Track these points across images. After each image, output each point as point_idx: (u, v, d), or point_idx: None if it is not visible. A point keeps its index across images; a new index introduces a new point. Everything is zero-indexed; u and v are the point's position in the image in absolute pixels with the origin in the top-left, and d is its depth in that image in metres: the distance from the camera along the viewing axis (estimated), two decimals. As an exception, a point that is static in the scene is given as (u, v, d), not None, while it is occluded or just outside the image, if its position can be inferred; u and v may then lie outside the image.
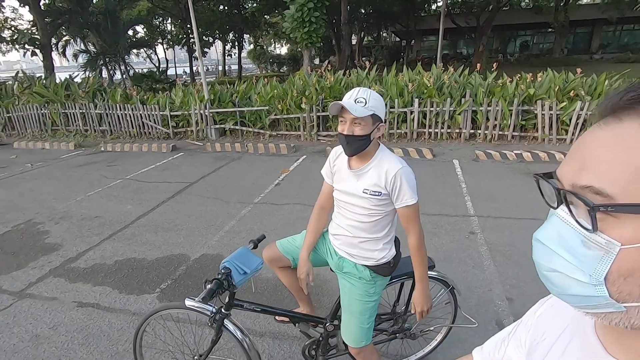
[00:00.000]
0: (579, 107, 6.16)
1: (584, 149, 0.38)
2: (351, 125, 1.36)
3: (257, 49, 34.22)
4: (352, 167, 1.50)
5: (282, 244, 1.80)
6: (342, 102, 1.34)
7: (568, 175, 0.39)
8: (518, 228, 3.67)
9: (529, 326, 0.61)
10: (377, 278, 1.56)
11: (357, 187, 1.48)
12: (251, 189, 5.12)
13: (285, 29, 12.16)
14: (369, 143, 1.41)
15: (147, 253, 3.50)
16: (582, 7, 24.25)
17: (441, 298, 1.85)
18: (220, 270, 1.47)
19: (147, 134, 8.62)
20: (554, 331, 0.54)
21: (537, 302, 0.63)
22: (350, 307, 1.56)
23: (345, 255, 1.60)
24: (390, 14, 23.30)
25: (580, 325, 0.50)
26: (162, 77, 16.05)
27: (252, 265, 1.50)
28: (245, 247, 1.59)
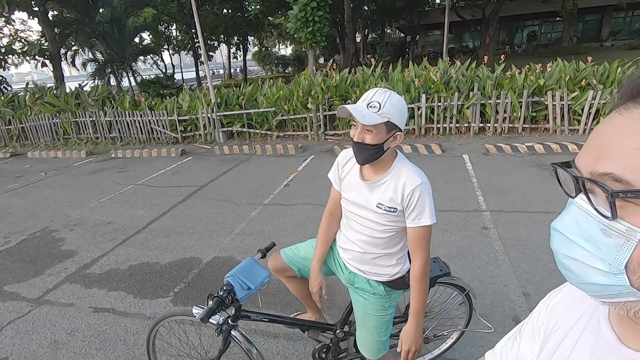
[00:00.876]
0: (591, 96, 6.02)
1: (603, 137, 0.38)
2: (362, 132, 1.22)
3: (262, 50, 34.33)
4: (365, 178, 1.35)
5: (286, 254, 1.71)
6: (349, 107, 1.18)
7: (587, 163, 0.39)
8: (532, 222, 3.60)
9: (542, 318, 0.60)
10: (392, 292, 1.47)
11: (369, 200, 1.33)
12: (260, 191, 5.13)
13: (290, 30, 12.16)
14: (382, 153, 1.25)
15: (160, 257, 3.54)
16: (591, -6, 23.70)
17: (455, 300, 1.80)
18: (222, 286, 1.40)
19: (156, 139, 8.71)
20: (567, 322, 0.54)
21: (548, 294, 0.62)
22: (366, 322, 1.49)
23: (357, 271, 1.49)
24: (394, 10, 23.12)
25: (594, 316, 0.50)
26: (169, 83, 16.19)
27: (257, 279, 1.43)
28: (252, 258, 1.53)
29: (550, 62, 6.87)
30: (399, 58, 10.15)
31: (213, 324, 1.42)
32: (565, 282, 0.59)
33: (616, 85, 6.05)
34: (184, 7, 20.09)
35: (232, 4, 22.99)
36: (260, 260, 1.59)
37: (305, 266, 1.67)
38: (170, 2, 20.02)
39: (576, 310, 0.54)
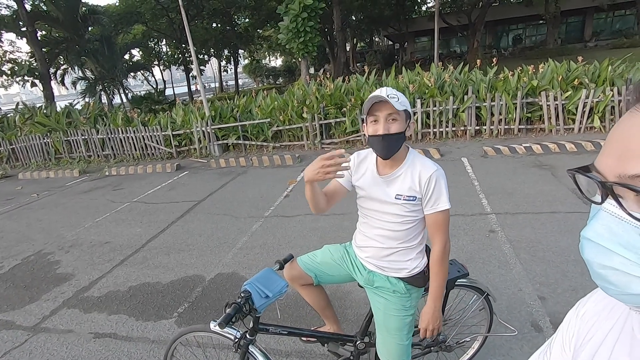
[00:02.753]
0: (584, 95, 6.08)
1: (627, 137, 0.36)
2: (386, 123, 1.27)
3: (252, 62, 34.52)
4: (381, 173, 1.40)
5: (302, 260, 1.70)
6: (382, 95, 1.23)
7: (611, 166, 0.37)
8: (539, 223, 3.56)
9: (572, 329, 0.58)
10: (412, 290, 1.46)
11: (387, 193, 1.37)
12: (260, 203, 5.05)
13: (281, 40, 12.23)
14: (404, 141, 1.33)
15: (161, 276, 3.42)
16: (573, -3, 24.33)
17: (475, 305, 1.74)
18: (239, 294, 1.39)
19: (150, 155, 8.60)
20: (600, 331, 0.52)
21: (577, 303, 0.60)
22: (387, 324, 1.46)
23: (375, 269, 1.50)
24: (382, 19, 23.45)
25: (628, 323, 0.48)
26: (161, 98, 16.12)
27: (275, 288, 1.39)
28: (270, 269, 1.49)
29: (541, 64, 6.95)
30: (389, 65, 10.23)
31: (230, 339, 1.36)
32: (593, 290, 0.57)
33: (608, 84, 6.12)
34: (173, 23, 20.15)
35: (222, 18, 23.12)
36: (278, 271, 1.55)
37: (322, 272, 1.66)
38: (160, 18, 20.08)
39: (608, 318, 0.52)
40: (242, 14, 24.03)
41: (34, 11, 15.29)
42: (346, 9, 20.02)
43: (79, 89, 19.97)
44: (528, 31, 28.32)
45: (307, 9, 11.33)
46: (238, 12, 23.21)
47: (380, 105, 1.27)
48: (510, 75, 6.88)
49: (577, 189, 0.42)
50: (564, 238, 3.22)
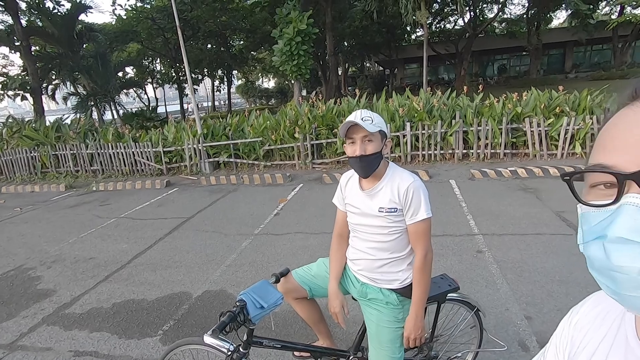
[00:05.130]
0: (565, 122, 6.34)
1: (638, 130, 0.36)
2: (362, 144, 1.35)
3: (246, 83, 35.03)
4: (364, 188, 1.48)
5: (298, 273, 1.72)
6: (353, 119, 1.34)
7: (632, 157, 0.35)
8: (524, 244, 3.63)
9: (565, 338, 0.57)
10: (405, 301, 1.49)
11: (371, 207, 1.44)
12: (250, 221, 5.03)
13: (275, 63, 12.52)
14: (381, 160, 1.41)
15: (147, 293, 3.35)
16: (553, 31, 25.70)
17: (466, 321, 1.76)
18: (235, 303, 1.40)
19: (139, 171, 8.54)
20: (594, 339, 0.51)
21: (569, 311, 0.60)
22: (379, 337, 1.47)
23: (368, 281, 1.53)
24: (373, 45, 24.26)
25: (621, 331, 0.48)
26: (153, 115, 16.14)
27: (270, 299, 1.40)
28: (266, 281, 1.51)
29: (525, 92, 7.25)
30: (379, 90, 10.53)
31: (224, 352, 1.34)
32: (585, 298, 0.58)
33: (588, 112, 6.41)
34: (169, 42, 20.46)
35: (217, 40, 23.60)
36: (273, 284, 1.56)
37: (316, 284, 1.68)
38: (156, 37, 20.39)
39: (601, 326, 0.51)
40: (237, 36, 24.58)
41: (30, 26, 15.39)
42: (339, 34, 20.69)
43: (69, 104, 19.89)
44: (512, 61, 29.63)
45: (301, 33, 11.71)
46: (233, 35, 23.75)
47: (356, 128, 1.35)
48: (495, 101, 7.15)
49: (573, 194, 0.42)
50: (549, 259, 3.28)
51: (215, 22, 19.50)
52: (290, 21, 11.82)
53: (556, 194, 4.92)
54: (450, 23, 25.21)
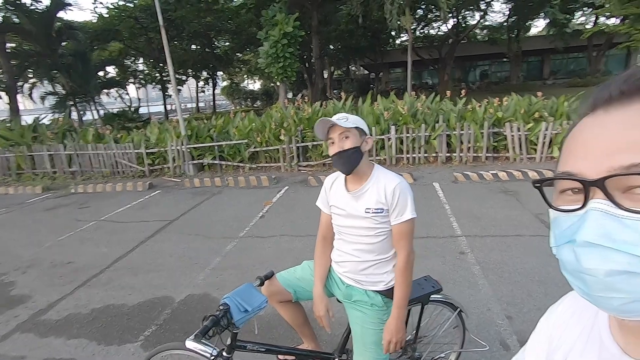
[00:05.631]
0: (544, 127, 6.54)
1: (602, 136, 0.38)
2: (340, 141, 1.38)
3: (231, 85, 34.73)
4: (350, 190, 1.49)
5: (282, 276, 1.71)
6: (327, 119, 1.39)
7: (594, 165, 0.37)
8: (505, 245, 3.72)
9: (544, 336, 0.59)
10: (390, 303, 1.49)
11: (357, 208, 1.45)
12: (235, 223, 4.98)
13: (261, 65, 12.47)
14: (361, 155, 1.42)
15: (127, 298, 3.26)
16: (532, 39, 26.51)
17: (449, 323, 1.79)
18: (218, 307, 1.37)
19: (121, 173, 8.34)
20: (570, 337, 0.53)
21: (548, 310, 0.61)
22: (364, 338, 1.48)
23: (353, 283, 1.53)
24: (358, 49, 24.47)
25: (595, 328, 0.49)
26: (135, 116, 15.79)
27: (254, 302, 1.39)
28: (250, 284, 1.49)
29: (505, 97, 7.45)
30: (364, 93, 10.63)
31: (206, 357, 1.31)
32: (563, 296, 0.60)
33: (565, 117, 6.63)
34: (152, 42, 20.10)
35: (202, 41, 23.34)
36: (258, 287, 1.55)
37: (301, 287, 1.67)
38: (139, 37, 20.00)
39: (577, 324, 0.53)
40: (222, 38, 24.38)
41: (5, 23, 14.86)
42: (325, 38, 20.79)
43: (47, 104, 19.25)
44: (494, 67, 30.40)
45: (287, 35, 11.72)
46: (218, 36, 23.54)
47: (333, 128, 1.40)
48: (477, 106, 7.31)
49: (545, 200, 0.43)
50: (528, 260, 3.37)
51: (200, 23, 19.29)
52: (276, 23, 11.81)
53: (535, 197, 5.02)
54: (433, 29, 25.69)
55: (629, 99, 0.37)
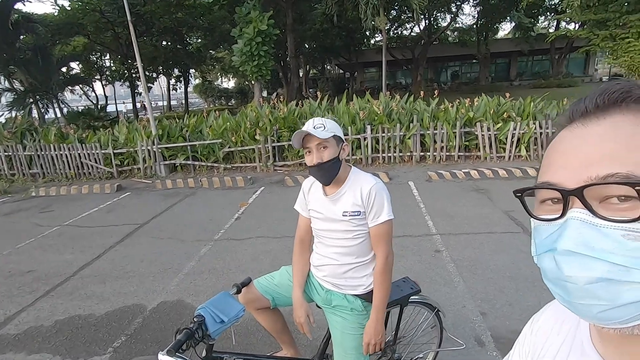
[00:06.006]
0: (512, 127, 6.80)
1: (579, 148, 0.39)
2: (318, 152, 1.35)
3: (204, 83, 33.91)
4: (327, 194, 1.47)
5: (260, 282, 1.66)
6: (304, 129, 1.34)
7: (572, 176, 0.38)
8: (478, 243, 3.83)
9: (527, 345, 0.59)
10: (369, 307, 1.48)
11: (335, 211, 1.44)
12: (209, 226, 4.85)
13: (235, 63, 12.24)
14: (340, 165, 1.40)
15: (95, 307, 3.10)
16: (500, 41, 27.58)
17: (427, 323, 1.81)
18: (192, 319, 1.31)
19: (86, 174, 7.94)
20: (553, 346, 0.53)
21: (531, 319, 0.62)
22: (344, 344, 1.46)
23: (332, 288, 1.52)
24: (333, 48, 24.55)
25: (577, 338, 0.50)
26: (102, 114, 15.07)
27: (231, 312, 1.33)
28: (226, 292, 1.43)
29: (476, 97, 7.68)
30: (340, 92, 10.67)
31: None
32: (545, 305, 0.60)
33: (531, 118, 6.92)
34: (119, 37, 19.26)
35: (173, 37, 22.59)
36: (235, 295, 1.50)
37: (279, 294, 1.63)
38: (105, 31, 19.10)
39: (559, 332, 0.53)
40: (195, 34, 23.73)
41: (-45, 14, 13.79)
42: (300, 36, 20.69)
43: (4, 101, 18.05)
44: (464, 68, 31.36)
45: (262, 34, 11.56)
46: (190, 32, 22.88)
47: (310, 137, 1.35)
48: (450, 106, 7.50)
49: (525, 209, 0.44)
50: (500, 256, 3.48)
51: (170, 18, 18.66)
52: (250, 21, 11.62)
53: (505, 195, 5.25)
54: (407, 30, 26.18)
55: (603, 113, 0.39)
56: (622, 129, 0.37)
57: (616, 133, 0.37)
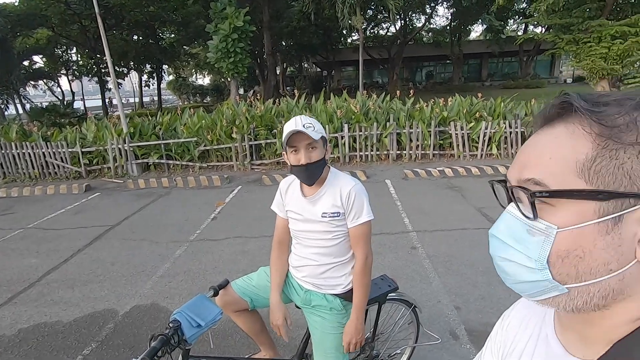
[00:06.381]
0: (483, 126, 7.03)
1: (525, 152, 0.45)
2: (306, 152, 1.34)
3: (178, 79, 32.99)
4: (306, 195, 1.46)
5: (237, 284, 1.63)
6: (295, 127, 1.31)
7: (514, 174, 0.45)
8: (452, 239, 3.94)
9: (498, 340, 0.62)
10: (348, 306, 1.49)
11: (314, 213, 1.43)
12: (185, 226, 4.73)
13: (210, 59, 11.98)
14: (325, 166, 1.41)
15: (62, 314, 2.96)
16: (472, 43, 28.43)
17: (405, 319, 1.84)
18: (168, 324, 1.27)
19: (52, 174, 7.56)
20: (521, 340, 0.56)
21: (502, 315, 0.65)
22: (324, 343, 1.46)
23: (312, 288, 1.52)
24: (310, 46, 24.51)
25: (543, 330, 0.53)
26: (68, 111, 14.36)
27: (208, 316, 1.30)
28: (202, 295, 1.39)
29: (449, 97, 7.89)
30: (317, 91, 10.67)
31: None
32: (514, 302, 0.63)
33: (502, 118, 7.18)
34: (87, 31, 18.41)
35: (144, 31, 21.84)
36: (212, 298, 1.47)
37: (258, 295, 1.61)
38: (71, 24, 18.19)
39: (527, 327, 0.57)
40: (168, 29, 23.04)
41: None
42: (276, 34, 20.53)
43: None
44: (438, 68, 32.15)
45: (238, 30, 11.37)
46: (163, 27, 22.19)
47: (299, 136, 1.32)
48: (425, 106, 7.66)
49: (495, 196, 0.49)
50: (473, 252, 3.59)
51: (142, 12, 18.01)
52: (225, 17, 11.40)
53: (477, 192, 5.43)
54: (383, 29, 26.51)
55: (552, 122, 0.43)
56: (558, 139, 0.41)
57: (550, 142, 0.42)
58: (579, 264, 0.39)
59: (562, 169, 0.39)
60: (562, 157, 0.40)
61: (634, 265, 0.38)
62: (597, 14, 10.02)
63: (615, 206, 0.37)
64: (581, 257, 0.39)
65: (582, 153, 0.39)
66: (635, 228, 0.37)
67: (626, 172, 0.37)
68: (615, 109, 0.38)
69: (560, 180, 0.39)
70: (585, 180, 0.38)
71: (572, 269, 0.40)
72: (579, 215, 0.38)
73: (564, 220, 0.39)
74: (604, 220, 0.37)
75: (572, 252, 0.39)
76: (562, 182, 0.39)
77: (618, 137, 0.37)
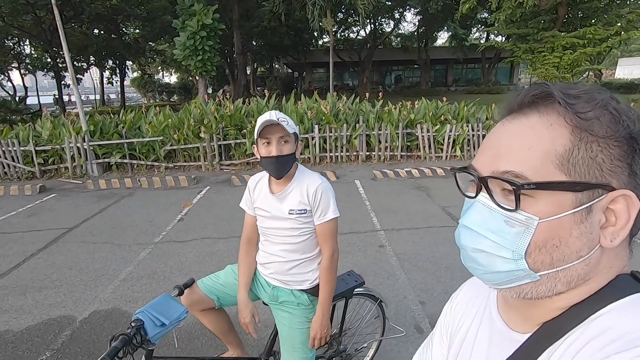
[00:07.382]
0: (448, 129, 7.32)
1: (497, 141, 0.45)
2: (278, 145, 1.35)
3: (143, 77, 31.71)
4: (274, 192, 1.47)
5: (204, 282, 1.61)
6: (274, 119, 1.31)
7: (485, 164, 0.44)
8: (418, 237, 4.07)
9: (447, 319, 0.66)
10: (315, 301, 1.51)
11: (282, 210, 1.45)
12: (149, 228, 4.57)
13: (177, 56, 11.64)
14: (294, 161, 1.43)
15: (13, 322, 2.76)
16: (438, 49, 29.53)
17: (371, 314, 1.89)
18: (130, 323, 1.24)
19: (1, 174, 7.03)
20: (467, 319, 0.59)
21: (451, 297, 0.68)
22: (292, 339, 1.47)
23: (279, 284, 1.52)
24: (281, 47, 24.40)
25: (487, 309, 0.56)
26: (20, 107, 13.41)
27: (172, 314, 1.27)
28: (167, 294, 1.36)
29: (417, 100, 8.15)
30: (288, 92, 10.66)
31: None
32: (462, 284, 0.67)
33: (465, 121, 7.51)
34: (42, 22, 17.28)
35: (106, 25, 20.82)
36: (176, 297, 1.42)
37: (225, 293, 1.60)
38: (23, 14, 17.02)
39: (473, 305, 0.60)
40: (132, 24, 22.10)
41: None
42: (247, 33, 20.26)
43: None
44: (406, 73, 33.05)
45: (206, 27, 11.13)
46: (127, 21, 21.26)
47: (272, 128, 1.34)
48: (393, 108, 7.86)
49: (457, 186, 0.49)
50: (438, 249, 3.74)
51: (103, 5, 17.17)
52: (193, 13, 11.12)
53: (442, 192, 5.64)
54: (353, 33, 26.90)
55: (525, 112, 0.44)
56: (535, 129, 0.41)
57: (527, 133, 0.42)
58: (554, 252, 0.40)
59: (543, 161, 0.40)
60: (542, 148, 0.40)
61: (597, 250, 0.41)
62: (551, 26, 10.74)
63: (589, 196, 0.39)
64: (557, 245, 0.40)
65: (561, 144, 0.39)
66: (599, 215, 0.40)
67: (598, 164, 0.39)
68: (587, 103, 0.40)
69: (541, 172, 0.40)
70: (564, 172, 0.39)
71: (548, 257, 0.41)
72: (558, 206, 0.39)
73: (545, 211, 0.40)
74: (579, 210, 0.39)
75: (549, 242, 0.40)
76: (543, 174, 0.40)
77: (592, 129, 0.39)
